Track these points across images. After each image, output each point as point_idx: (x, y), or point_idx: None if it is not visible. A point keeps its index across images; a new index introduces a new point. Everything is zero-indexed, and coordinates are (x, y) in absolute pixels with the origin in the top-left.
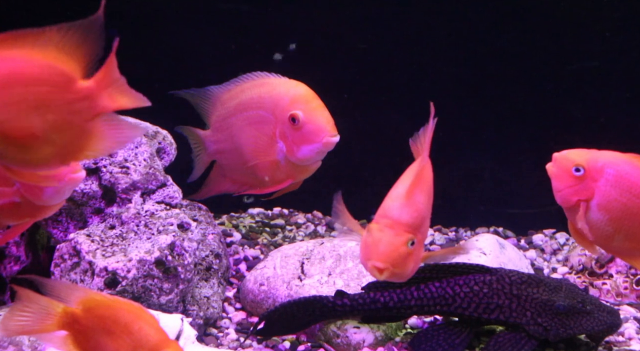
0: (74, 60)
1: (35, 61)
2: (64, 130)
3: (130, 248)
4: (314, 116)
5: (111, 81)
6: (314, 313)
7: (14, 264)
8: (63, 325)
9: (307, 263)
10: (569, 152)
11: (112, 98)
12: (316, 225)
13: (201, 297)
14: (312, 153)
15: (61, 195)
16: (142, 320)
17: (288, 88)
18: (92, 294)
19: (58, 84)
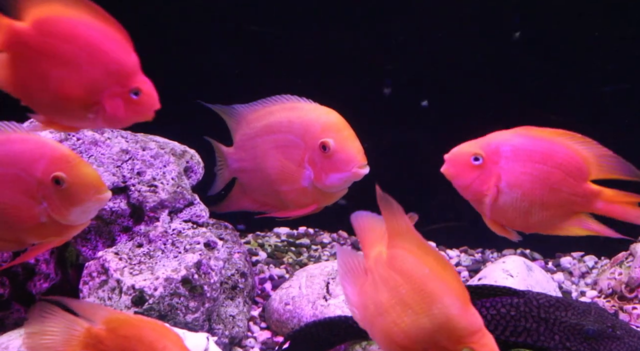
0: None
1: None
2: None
3: (157, 267)
4: (345, 145)
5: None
6: (339, 333)
7: (44, 281)
8: (87, 345)
9: (333, 283)
10: (459, 147)
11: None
12: (341, 244)
13: (227, 316)
14: (340, 181)
15: (87, 215)
16: (166, 338)
17: (320, 114)
18: (116, 314)
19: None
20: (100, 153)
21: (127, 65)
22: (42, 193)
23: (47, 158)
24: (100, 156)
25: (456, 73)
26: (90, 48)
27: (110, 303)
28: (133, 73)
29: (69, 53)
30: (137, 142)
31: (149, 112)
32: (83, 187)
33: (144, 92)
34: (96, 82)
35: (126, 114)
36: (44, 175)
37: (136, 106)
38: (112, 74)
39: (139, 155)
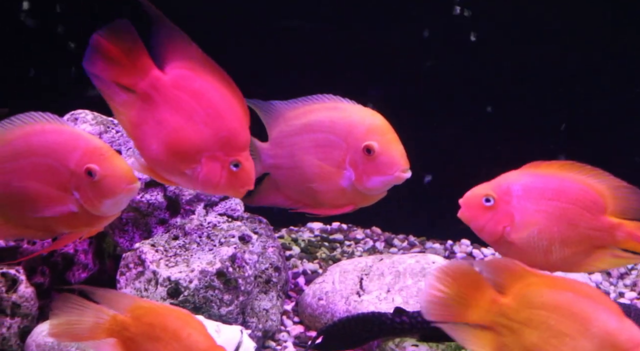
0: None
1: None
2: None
3: (193, 259)
4: (389, 148)
5: None
6: (372, 329)
7: (82, 271)
8: (112, 333)
9: (366, 279)
10: (471, 190)
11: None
12: (375, 241)
13: (260, 310)
14: (381, 184)
15: (117, 207)
16: (190, 326)
17: (364, 116)
18: (141, 301)
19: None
20: None
21: (239, 138)
22: (75, 184)
23: (81, 150)
24: None
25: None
26: (210, 109)
27: (147, 294)
28: (241, 147)
29: (190, 107)
30: None
31: (241, 188)
32: (115, 179)
33: (244, 168)
34: (204, 141)
35: (220, 181)
36: (77, 167)
37: (231, 178)
38: (221, 140)
39: None
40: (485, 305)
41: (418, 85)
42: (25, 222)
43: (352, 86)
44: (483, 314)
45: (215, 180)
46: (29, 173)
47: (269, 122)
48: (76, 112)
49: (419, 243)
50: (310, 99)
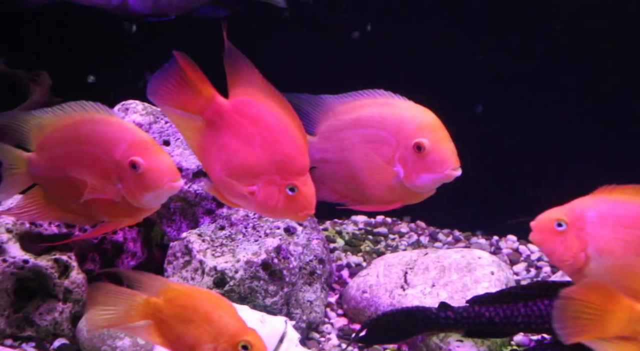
0: None
1: None
2: None
3: (239, 250)
4: (440, 146)
5: None
6: (416, 324)
7: (131, 259)
8: (146, 315)
9: (411, 273)
10: (544, 213)
11: None
12: (419, 235)
13: (304, 301)
14: (431, 182)
15: (158, 200)
16: (221, 309)
17: (415, 113)
18: (172, 284)
19: None
20: None
21: (295, 162)
22: (119, 175)
23: (127, 142)
24: None
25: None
26: (267, 134)
27: (193, 283)
28: (298, 171)
29: (248, 132)
30: None
31: (300, 212)
32: (157, 173)
33: (301, 192)
34: (260, 165)
35: (277, 204)
36: (122, 158)
37: (288, 202)
38: (277, 164)
39: None
40: (624, 316)
41: (466, 80)
42: (69, 207)
43: (402, 81)
44: (623, 325)
45: (272, 203)
46: (76, 160)
47: (317, 116)
48: (127, 102)
49: (464, 238)
50: (361, 94)
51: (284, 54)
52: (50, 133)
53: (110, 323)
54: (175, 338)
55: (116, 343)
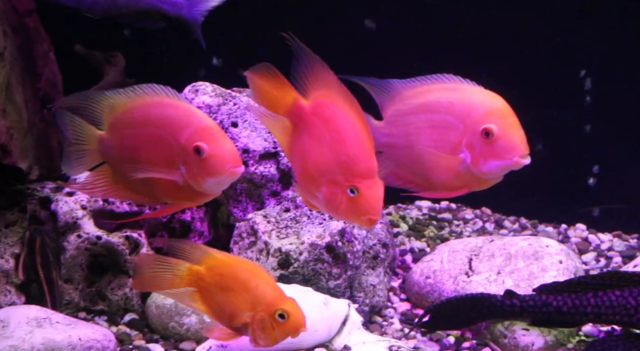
0: None
1: None
2: None
3: (303, 232)
4: (509, 132)
5: None
6: (481, 311)
7: (198, 238)
8: (189, 283)
9: (476, 259)
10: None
11: None
12: (484, 221)
13: (367, 285)
14: (498, 169)
15: (220, 186)
16: (259, 278)
17: (484, 99)
18: (214, 253)
19: None
20: (254, 118)
21: (359, 164)
22: (183, 159)
23: (193, 127)
24: (253, 121)
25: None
26: (335, 134)
27: (258, 263)
28: (361, 174)
29: (320, 133)
30: None
31: (362, 216)
32: (220, 160)
33: (363, 195)
34: (325, 165)
35: (339, 206)
36: (187, 143)
37: (350, 204)
38: (341, 165)
39: None
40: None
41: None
42: (135, 186)
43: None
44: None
45: (334, 204)
46: (144, 141)
47: (384, 100)
48: (197, 84)
49: (530, 226)
50: (429, 78)
51: (353, 37)
52: (121, 114)
53: (157, 288)
54: (216, 305)
55: (183, 319)
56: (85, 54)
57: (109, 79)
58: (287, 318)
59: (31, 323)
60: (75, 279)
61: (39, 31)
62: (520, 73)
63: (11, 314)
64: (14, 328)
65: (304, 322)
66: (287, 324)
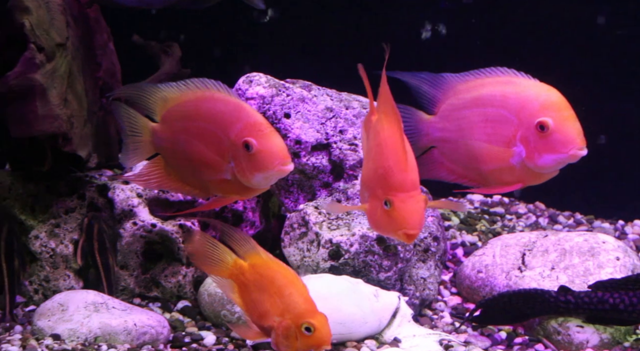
0: None
1: None
2: None
3: (354, 224)
4: (564, 126)
5: None
6: (534, 306)
7: (250, 228)
8: (231, 275)
9: (529, 254)
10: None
11: None
12: (538, 216)
13: (418, 278)
14: (554, 162)
15: (267, 182)
16: (294, 286)
17: (539, 92)
18: (260, 251)
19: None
20: (307, 109)
21: (393, 177)
22: (232, 153)
23: (243, 123)
24: (306, 112)
25: None
26: (378, 147)
27: (309, 254)
28: (395, 187)
29: (370, 146)
30: (341, 100)
31: (398, 229)
32: (269, 155)
33: (396, 208)
34: (367, 178)
35: (378, 219)
36: (236, 138)
37: (385, 217)
38: (378, 177)
39: (342, 113)
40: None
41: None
42: (186, 179)
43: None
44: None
45: (374, 218)
46: (194, 135)
47: (438, 94)
48: (251, 75)
49: (586, 222)
50: (483, 72)
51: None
52: (174, 106)
53: (201, 266)
54: (250, 302)
55: (235, 308)
56: (143, 44)
57: (165, 69)
58: (312, 332)
59: (89, 307)
60: (131, 266)
61: (99, 22)
62: (582, 66)
63: (70, 298)
64: (73, 312)
65: (330, 340)
66: (311, 338)
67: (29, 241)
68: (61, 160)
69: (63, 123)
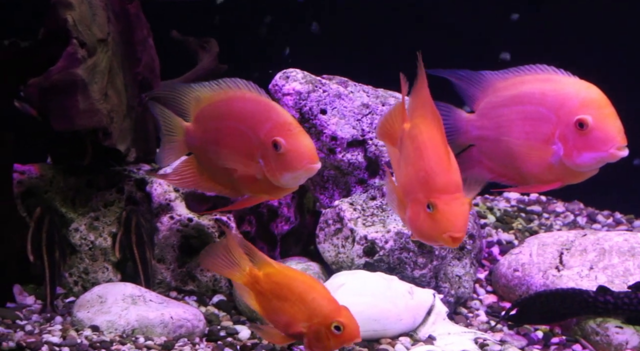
0: None
1: None
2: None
3: (389, 220)
4: (604, 123)
5: None
6: (572, 306)
7: (285, 224)
8: (247, 283)
9: (567, 253)
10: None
11: None
12: (576, 215)
13: (453, 276)
14: (593, 161)
15: (296, 181)
16: (315, 291)
17: (578, 89)
18: (271, 262)
19: None
20: (343, 106)
21: (436, 179)
22: (262, 153)
23: (272, 122)
24: (342, 109)
25: None
26: (418, 151)
27: (344, 250)
28: (439, 189)
29: (409, 151)
30: (377, 97)
31: (443, 233)
32: (297, 155)
33: (440, 211)
34: (408, 183)
35: (421, 224)
36: (265, 137)
37: (429, 221)
38: (419, 181)
39: (379, 110)
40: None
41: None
42: (218, 178)
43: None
44: None
45: (416, 223)
46: (225, 134)
47: (477, 92)
48: (288, 71)
49: (625, 221)
50: (522, 69)
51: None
52: (206, 106)
53: (215, 270)
54: (271, 310)
55: None
56: (181, 39)
57: (202, 65)
58: (342, 330)
59: (127, 300)
60: (167, 259)
61: (139, 17)
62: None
63: (109, 290)
64: (111, 304)
65: (359, 333)
66: (342, 335)
67: (69, 233)
68: (101, 154)
69: (103, 117)
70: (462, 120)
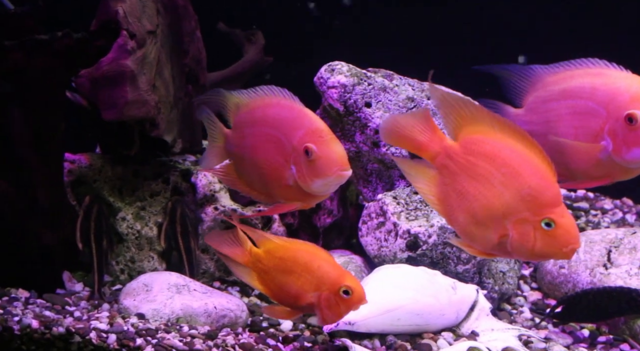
0: None
1: None
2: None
3: (432, 215)
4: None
5: None
6: (619, 305)
7: (327, 216)
8: (249, 263)
9: (615, 251)
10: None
11: None
12: (625, 212)
13: (497, 271)
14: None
15: (327, 188)
16: (319, 258)
17: (630, 84)
18: (271, 237)
19: None
20: (388, 99)
21: (545, 193)
22: (294, 159)
23: (305, 129)
24: (387, 102)
25: None
26: (506, 169)
27: (386, 244)
28: (550, 203)
29: (485, 172)
30: (422, 90)
31: (564, 248)
32: (328, 162)
33: (560, 225)
34: (506, 205)
35: (535, 244)
36: (298, 144)
37: (547, 238)
38: (524, 199)
39: (424, 103)
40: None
41: None
42: (252, 184)
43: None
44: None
45: (528, 244)
46: (260, 141)
47: (526, 87)
48: (333, 64)
49: None
50: (572, 64)
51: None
52: (244, 113)
53: (219, 248)
54: (276, 288)
55: None
56: (227, 31)
57: (248, 57)
58: (351, 294)
59: (171, 289)
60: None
61: (187, 9)
62: None
63: (154, 279)
64: (157, 293)
65: (365, 295)
66: (351, 299)
67: (116, 222)
68: (148, 144)
69: (151, 108)
70: (509, 116)
